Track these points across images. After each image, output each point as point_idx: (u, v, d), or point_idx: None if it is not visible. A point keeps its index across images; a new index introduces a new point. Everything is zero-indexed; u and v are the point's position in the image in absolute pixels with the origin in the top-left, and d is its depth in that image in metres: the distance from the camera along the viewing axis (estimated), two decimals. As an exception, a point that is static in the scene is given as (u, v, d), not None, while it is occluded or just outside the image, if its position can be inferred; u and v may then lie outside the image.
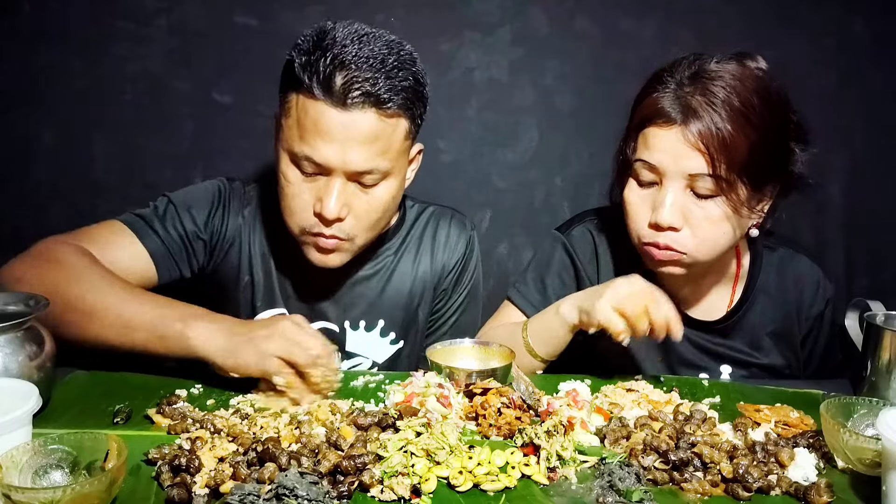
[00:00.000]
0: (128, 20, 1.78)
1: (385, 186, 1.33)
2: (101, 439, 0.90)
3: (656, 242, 1.32)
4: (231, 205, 1.49)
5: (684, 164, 1.28)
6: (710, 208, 1.30)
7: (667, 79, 1.32)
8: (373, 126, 1.26)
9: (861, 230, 1.98)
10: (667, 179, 1.30)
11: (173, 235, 1.41)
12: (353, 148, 1.25)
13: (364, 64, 1.24)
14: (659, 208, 1.30)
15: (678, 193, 1.30)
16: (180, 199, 1.45)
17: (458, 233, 1.58)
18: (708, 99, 1.26)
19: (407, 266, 1.55)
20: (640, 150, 1.33)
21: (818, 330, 1.54)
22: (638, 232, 1.36)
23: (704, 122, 1.25)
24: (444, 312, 1.60)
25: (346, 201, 1.30)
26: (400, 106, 1.28)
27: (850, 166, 1.95)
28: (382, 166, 1.29)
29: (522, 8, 1.86)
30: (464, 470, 0.95)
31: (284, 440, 1.01)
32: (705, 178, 1.27)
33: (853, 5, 1.88)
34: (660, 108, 1.30)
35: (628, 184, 1.36)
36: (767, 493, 0.96)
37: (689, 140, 1.26)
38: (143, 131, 1.83)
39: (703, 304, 1.50)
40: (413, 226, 1.57)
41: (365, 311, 1.52)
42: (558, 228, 1.60)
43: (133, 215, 1.41)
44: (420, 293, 1.56)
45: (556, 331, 1.35)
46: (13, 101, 1.80)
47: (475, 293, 1.63)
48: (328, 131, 1.24)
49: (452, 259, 1.57)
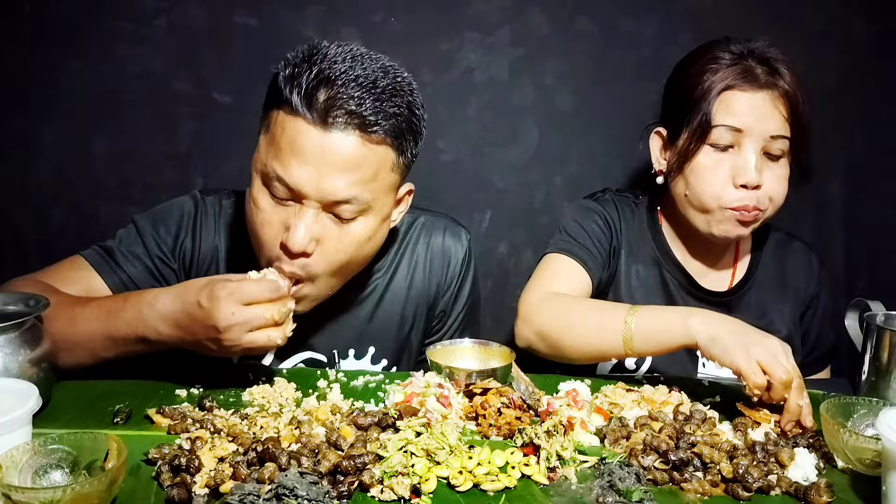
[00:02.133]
0: (128, 20, 1.78)
1: (363, 223, 1.21)
2: (101, 439, 0.90)
3: (745, 206, 1.39)
4: (203, 224, 1.39)
5: (767, 125, 1.37)
6: (779, 168, 1.41)
7: (725, 52, 1.41)
8: (354, 151, 1.15)
9: (861, 230, 1.98)
10: (748, 141, 1.38)
11: (136, 267, 1.34)
12: (329, 174, 1.14)
13: (352, 82, 1.14)
14: (745, 168, 1.38)
15: (758, 154, 1.39)
16: (145, 224, 1.37)
17: (453, 246, 1.47)
18: (782, 68, 1.39)
19: (398, 286, 1.44)
20: (719, 116, 1.39)
21: (814, 309, 1.61)
22: (720, 197, 1.41)
23: (790, 86, 1.38)
24: (443, 334, 1.51)
25: (316, 234, 1.18)
26: (387, 132, 1.17)
27: (850, 166, 1.95)
28: (363, 197, 1.17)
29: (522, 8, 1.85)
30: (464, 470, 0.95)
31: (284, 440, 1.01)
32: (784, 139, 1.38)
33: (853, 5, 1.88)
34: (741, 74, 1.38)
35: (702, 150, 1.42)
36: (767, 493, 0.96)
37: (774, 103, 1.37)
38: (143, 131, 1.83)
39: (709, 276, 1.57)
40: (404, 240, 1.46)
41: (354, 339, 1.42)
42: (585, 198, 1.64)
43: (97, 249, 1.36)
44: (412, 316, 1.45)
45: (671, 337, 1.23)
46: (13, 101, 1.80)
47: (473, 311, 1.54)
48: (304, 152, 1.14)
49: (448, 276, 1.47)
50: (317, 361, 1.41)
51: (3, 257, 1.87)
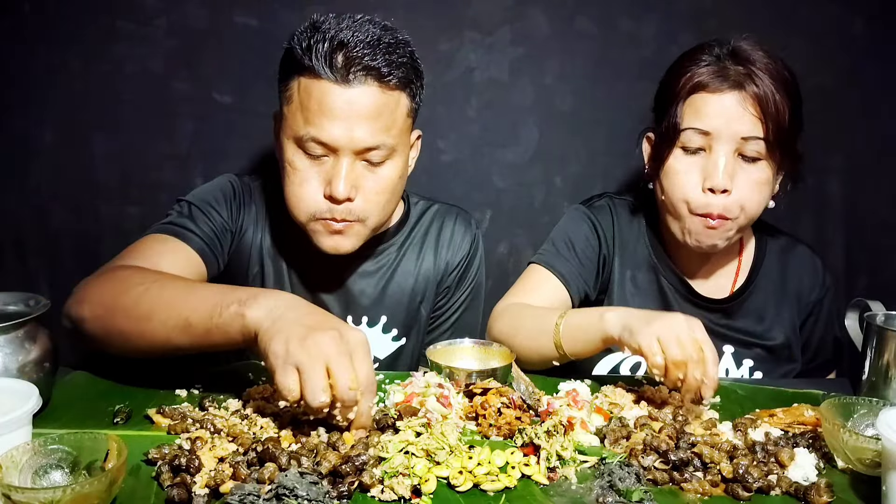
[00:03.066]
0: (128, 20, 1.78)
1: (391, 165, 1.35)
2: (101, 439, 0.90)
3: (709, 212, 1.37)
4: (243, 198, 1.51)
5: (737, 127, 1.35)
6: (756, 171, 1.38)
7: (703, 55, 1.39)
8: (376, 100, 1.28)
9: (861, 230, 1.98)
10: (717, 144, 1.36)
11: (207, 233, 1.42)
12: (358, 124, 1.27)
13: (362, 42, 1.27)
14: (713, 172, 1.36)
15: (728, 157, 1.36)
16: (200, 199, 1.46)
17: (462, 231, 1.59)
18: (756, 67, 1.35)
19: (410, 263, 1.55)
20: (688, 119, 1.38)
21: (816, 316, 1.59)
22: (689, 199, 1.39)
23: (759, 86, 1.34)
24: (447, 310, 1.61)
25: (354, 182, 1.31)
26: (400, 80, 1.30)
27: (850, 166, 1.95)
28: (388, 142, 1.31)
29: (522, 8, 1.85)
30: (464, 470, 0.95)
31: (284, 440, 1.01)
32: (758, 141, 1.35)
33: (853, 5, 1.88)
34: (710, 76, 1.36)
35: (672, 154, 1.40)
36: (767, 493, 0.96)
37: (744, 104, 1.34)
38: (143, 131, 1.83)
39: (709, 282, 1.55)
40: (417, 223, 1.58)
41: (367, 307, 1.53)
42: (580, 203, 1.64)
43: (165, 224, 1.39)
44: (423, 290, 1.56)
45: (592, 335, 1.27)
46: (13, 101, 1.80)
47: (478, 291, 1.64)
48: (333, 109, 1.27)
49: (456, 257, 1.58)
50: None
51: (4, 257, 1.87)
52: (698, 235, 1.41)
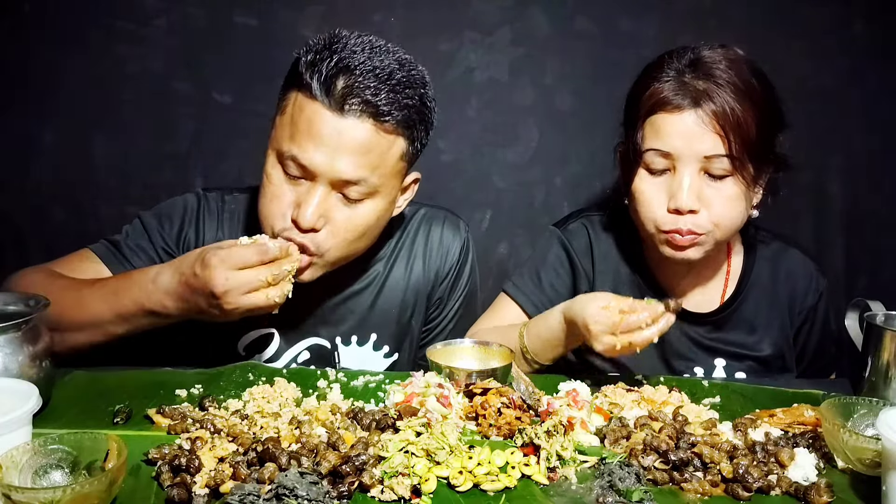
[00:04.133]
0: (128, 20, 1.78)
1: (370, 205, 1.27)
2: (101, 439, 0.90)
3: (678, 229, 1.33)
4: (206, 219, 1.43)
5: (699, 146, 1.30)
6: (725, 188, 1.33)
7: (664, 69, 1.34)
8: (367, 137, 1.21)
9: (861, 230, 1.98)
10: (681, 164, 1.32)
11: (142, 260, 1.38)
12: (343, 155, 1.21)
13: (369, 73, 1.20)
14: (677, 193, 1.32)
15: (693, 177, 1.32)
16: (150, 219, 1.42)
17: (451, 236, 1.52)
18: (715, 81, 1.30)
19: (398, 275, 1.48)
20: (649, 140, 1.34)
21: (811, 322, 1.54)
22: (656, 221, 1.36)
23: (717, 102, 1.28)
24: (440, 321, 1.54)
25: (324, 212, 1.24)
26: (399, 122, 1.23)
27: (850, 166, 1.95)
28: (371, 180, 1.24)
29: (522, 8, 1.86)
30: (464, 470, 0.95)
31: (284, 440, 1.01)
32: (721, 158, 1.30)
33: (853, 5, 1.88)
34: (668, 94, 1.32)
35: (638, 175, 1.37)
36: (767, 493, 0.96)
37: (703, 122, 1.29)
38: (143, 131, 1.84)
39: (697, 296, 1.50)
40: (404, 231, 1.51)
41: (356, 325, 1.46)
42: (555, 224, 1.60)
43: (105, 242, 1.41)
44: (413, 303, 1.49)
45: (555, 332, 1.32)
46: (13, 101, 1.80)
47: (471, 299, 1.58)
48: (320, 134, 1.20)
49: (446, 265, 1.51)
50: (321, 347, 1.46)
51: (4, 257, 1.87)
52: (671, 251, 1.37)
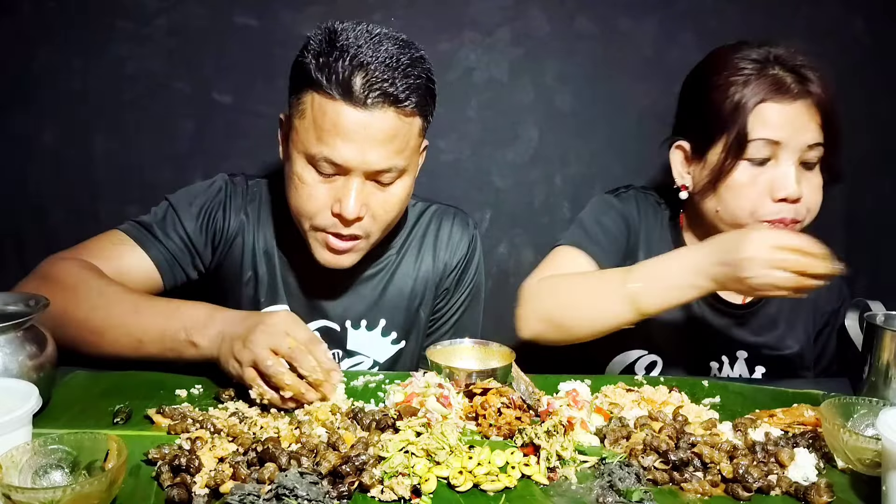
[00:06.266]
0: (128, 20, 1.78)
1: (400, 184, 1.35)
2: (101, 439, 0.90)
3: (782, 218, 1.35)
4: (232, 201, 1.48)
5: (804, 135, 1.34)
6: (814, 177, 1.38)
7: (747, 62, 1.36)
8: (392, 125, 1.27)
9: (861, 230, 1.98)
10: (785, 153, 1.35)
11: (175, 241, 1.41)
12: (372, 147, 1.26)
13: (381, 65, 1.24)
14: (784, 182, 1.34)
15: (796, 166, 1.35)
16: (180, 201, 1.45)
17: (460, 232, 1.58)
18: (809, 75, 1.35)
19: (409, 265, 1.55)
20: (756, 130, 1.35)
21: (832, 326, 1.57)
22: (757, 212, 1.36)
23: (819, 92, 1.34)
24: (446, 312, 1.61)
25: (364, 201, 1.31)
26: (416, 104, 1.29)
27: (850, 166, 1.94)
28: (399, 164, 1.31)
29: (522, 8, 1.85)
30: (464, 470, 0.95)
31: (284, 440, 1.01)
32: (819, 147, 1.35)
33: (853, 5, 1.88)
34: (776, 84, 1.34)
35: (737, 166, 1.37)
36: (767, 493, 0.96)
37: (808, 112, 1.34)
38: (143, 131, 1.83)
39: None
40: (415, 225, 1.57)
41: (366, 310, 1.52)
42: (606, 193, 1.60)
43: (134, 223, 1.42)
44: (421, 293, 1.56)
45: (686, 270, 1.25)
46: (13, 101, 1.80)
47: (477, 292, 1.63)
48: (347, 131, 1.25)
49: (455, 258, 1.58)
50: (330, 329, 1.51)
51: (4, 257, 1.87)
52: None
